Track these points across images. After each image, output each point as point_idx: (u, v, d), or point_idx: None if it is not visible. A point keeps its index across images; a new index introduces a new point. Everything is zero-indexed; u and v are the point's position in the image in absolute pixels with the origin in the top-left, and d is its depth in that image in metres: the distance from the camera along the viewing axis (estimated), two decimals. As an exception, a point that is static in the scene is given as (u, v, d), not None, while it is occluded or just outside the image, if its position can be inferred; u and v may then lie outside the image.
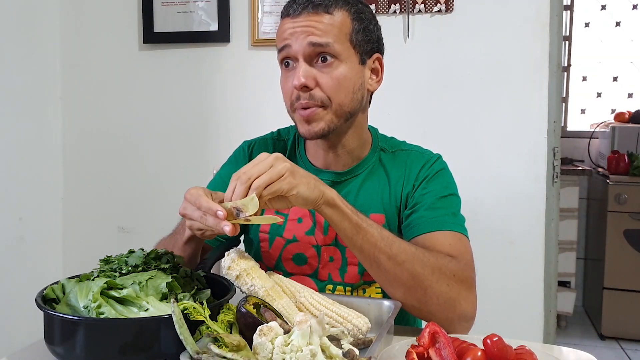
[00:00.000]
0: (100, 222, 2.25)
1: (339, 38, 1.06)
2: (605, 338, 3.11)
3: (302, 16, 1.06)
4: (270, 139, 1.26)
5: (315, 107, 1.06)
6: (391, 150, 1.20)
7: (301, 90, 1.06)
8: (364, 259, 0.99)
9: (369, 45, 1.12)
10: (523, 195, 1.89)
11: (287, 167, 0.91)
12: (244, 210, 0.88)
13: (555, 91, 1.88)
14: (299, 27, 1.05)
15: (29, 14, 2.09)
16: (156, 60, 2.15)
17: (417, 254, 0.98)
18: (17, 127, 2.04)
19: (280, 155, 0.93)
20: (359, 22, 1.10)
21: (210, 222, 0.89)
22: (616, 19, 3.72)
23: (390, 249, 0.97)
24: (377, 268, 0.98)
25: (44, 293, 0.87)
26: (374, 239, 0.97)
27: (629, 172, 3.08)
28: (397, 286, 0.98)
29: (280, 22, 1.11)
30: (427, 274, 0.97)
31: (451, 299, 0.98)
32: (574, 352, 0.89)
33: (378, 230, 0.98)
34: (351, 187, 1.16)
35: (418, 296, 0.97)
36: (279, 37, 1.10)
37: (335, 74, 1.06)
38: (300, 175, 0.92)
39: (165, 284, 0.86)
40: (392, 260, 0.96)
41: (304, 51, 1.05)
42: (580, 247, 3.50)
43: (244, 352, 0.73)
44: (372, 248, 0.97)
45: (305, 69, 1.05)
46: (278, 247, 1.17)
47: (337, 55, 1.06)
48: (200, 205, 0.90)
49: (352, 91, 1.09)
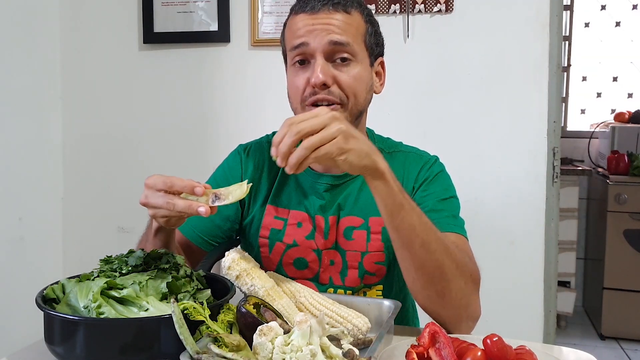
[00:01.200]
0: (100, 222, 2.25)
1: (356, 38, 1.07)
2: (605, 338, 3.11)
3: (322, 13, 1.05)
4: (265, 142, 1.24)
5: (334, 104, 1.05)
6: (388, 151, 1.19)
7: (319, 88, 1.04)
8: (397, 239, 0.96)
9: (377, 48, 1.13)
10: (523, 195, 1.89)
11: (341, 129, 0.86)
12: (225, 197, 0.86)
13: (555, 91, 1.88)
14: (319, 25, 1.04)
15: (29, 14, 2.09)
16: (156, 60, 2.15)
17: (448, 246, 0.96)
18: (17, 127, 2.04)
19: (337, 115, 0.88)
20: (371, 25, 1.11)
21: (180, 206, 0.86)
22: (616, 19, 3.72)
23: (426, 235, 0.94)
24: (408, 251, 0.95)
25: (44, 293, 0.87)
26: (413, 222, 0.93)
27: (628, 172, 3.08)
28: (421, 274, 0.96)
29: (293, 18, 1.08)
30: (453, 268, 0.95)
31: (466, 296, 0.98)
32: (574, 352, 0.89)
33: (418, 214, 0.94)
34: (350, 189, 1.16)
35: (438, 288, 0.96)
36: (293, 34, 1.07)
37: (352, 73, 1.06)
38: (354, 141, 0.88)
39: (165, 284, 0.86)
40: (424, 247, 0.93)
41: (324, 49, 1.04)
42: (580, 247, 3.50)
43: (244, 352, 0.73)
44: (408, 230, 0.93)
45: (324, 67, 1.04)
46: (278, 252, 1.16)
47: (355, 55, 1.06)
48: (173, 184, 0.87)
49: (366, 91, 1.10)
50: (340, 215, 1.15)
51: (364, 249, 1.13)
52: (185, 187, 0.87)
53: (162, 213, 0.90)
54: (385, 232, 1.13)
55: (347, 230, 1.14)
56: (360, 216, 1.14)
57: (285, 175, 1.18)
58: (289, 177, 1.18)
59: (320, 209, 1.15)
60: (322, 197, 1.15)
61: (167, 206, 0.88)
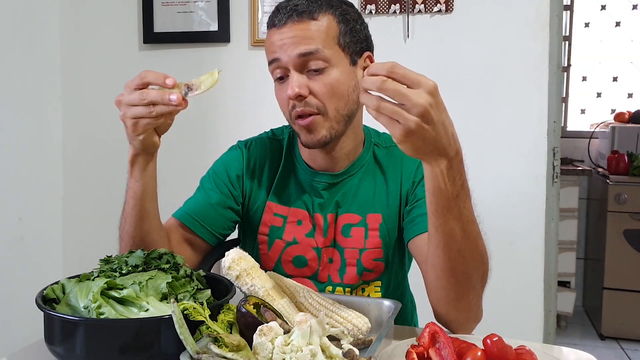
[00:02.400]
0: (100, 222, 2.24)
1: (327, 43, 1.05)
2: (605, 338, 3.11)
3: (287, 26, 1.04)
4: (266, 138, 1.24)
5: (312, 115, 1.05)
6: (385, 145, 1.19)
7: (296, 100, 1.05)
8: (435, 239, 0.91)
9: (358, 45, 1.10)
10: (523, 195, 1.89)
11: (426, 102, 0.77)
12: (196, 87, 0.86)
13: (555, 91, 1.88)
14: (287, 39, 1.04)
15: (29, 14, 2.09)
16: (156, 60, 2.15)
17: (483, 255, 0.94)
18: (17, 127, 2.04)
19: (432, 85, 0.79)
20: (345, 24, 1.08)
21: (152, 95, 0.88)
22: (616, 19, 3.72)
23: (466, 244, 0.90)
24: (443, 253, 0.91)
25: (44, 293, 0.87)
26: (456, 229, 0.88)
27: (628, 172, 3.08)
28: (448, 275, 0.92)
29: (268, 34, 1.08)
30: (479, 277, 0.94)
31: (480, 302, 0.97)
32: (574, 352, 0.89)
33: (467, 220, 0.90)
34: (348, 187, 1.16)
35: (459, 291, 0.94)
36: (268, 50, 1.08)
37: (327, 80, 1.05)
38: (434, 126, 0.80)
39: (165, 284, 0.86)
40: (461, 254, 0.90)
41: (294, 62, 1.04)
42: (580, 247, 3.49)
43: (244, 352, 0.73)
44: (450, 236, 0.89)
45: (297, 79, 1.04)
46: (277, 249, 1.16)
47: (328, 61, 1.05)
48: (146, 76, 0.90)
49: (347, 94, 1.07)
50: (338, 213, 1.15)
51: (362, 246, 1.13)
52: (158, 77, 0.89)
53: (133, 111, 0.91)
54: (383, 229, 1.14)
55: (345, 228, 1.14)
56: (358, 213, 1.14)
57: (285, 172, 1.19)
58: (289, 174, 1.18)
59: (320, 207, 1.15)
60: (321, 196, 1.15)
61: (140, 97, 0.89)
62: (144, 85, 0.91)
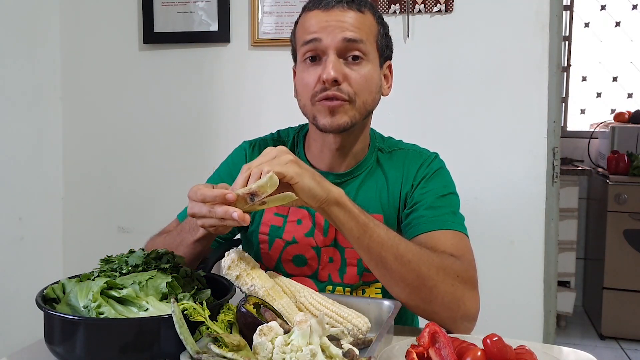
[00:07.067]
0: (100, 222, 2.25)
1: (369, 38, 1.07)
2: (605, 338, 3.11)
3: (336, 10, 1.05)
4: (270, 139, 1.25)
5: (342, 101, 1.06)
6: (388, 150, 1.20)
7: (330, 84, 1.05)
8: (370, 259, 0.98)
9: (387, 51, 1.14)
10: (523, 195, 1.89)
11: (290, 158, 0.90)
12: (260, 192, 0.84)
13: (555, 91, 1.88)
14: (334, 22, 1.05)
15: (29, 14, 2.09)
16: (156, 61, 2.15)
17: (422, 254, 0.97)
18: (17, 127, 2.04)
19: (285, 149, 0.92)
20: (383, 27, 1.12)
21: (219, 213, 0.85)
22: (616, 19, 3.72)
23: (397, 249, 0.95)
24: (383, 268, 0.97)
25: (44, 293, 0.87)
26: (381, 239, 0.95)
27: (628, 172, 3.08)
28: (402, 286, 0.97)
29: (306, 15, 1.09)
30: (433, 274, 0.96)
31: (455, 298, 0.98)
32: (574, 352, 0.89)
33: (384, 230, 0.97)
34: (350, 188, 1.16)
35: (423, 296, 0.97)
36: (305, 30, 1.08)
37: (363, 72, 1.07)
38: (305, 168, 0.91)
39: (165, 284, 0.86)
40: (399, 261, 0.95)
41: (337, 46, 1.05)
42: (580, 247, 3.50)
43: (244, 352, 0.73)
44: (379, 248, 0.95)
45: (336, 63, 1.04)
46: (278, 248, 1.16)
47: (366, 54, 1.07)
48: (205, 196, 0.86)
49: (375, 91, 1.10)
50: None
51: None
52: (217, 197, 0.85)
53: (209, 222, 0.89)
54: None
55: None
56: None
57: None
58: None
59: None
60: None
61: (209, 214, 0.87)
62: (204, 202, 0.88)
